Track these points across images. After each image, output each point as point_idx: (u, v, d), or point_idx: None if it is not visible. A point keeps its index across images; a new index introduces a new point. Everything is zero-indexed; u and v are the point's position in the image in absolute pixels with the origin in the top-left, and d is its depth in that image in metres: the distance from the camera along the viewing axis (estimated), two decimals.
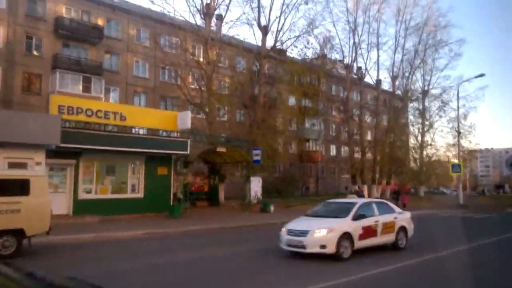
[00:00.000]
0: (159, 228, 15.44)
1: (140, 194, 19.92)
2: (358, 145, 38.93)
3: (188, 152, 20.15)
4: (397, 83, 41.25)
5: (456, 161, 43.11)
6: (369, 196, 37.32)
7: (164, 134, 20.74)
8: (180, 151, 20.10)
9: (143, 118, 20.05)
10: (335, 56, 39.20)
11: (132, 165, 19.84)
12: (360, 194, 25.01)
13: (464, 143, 42.09)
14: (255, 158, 23.61)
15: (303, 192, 44.12)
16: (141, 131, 19.82)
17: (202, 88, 26.20)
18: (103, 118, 18.68)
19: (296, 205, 27.50)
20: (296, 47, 28.48)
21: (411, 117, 43.42)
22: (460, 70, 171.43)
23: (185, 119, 19.99)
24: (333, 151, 50.31)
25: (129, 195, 19.59)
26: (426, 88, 44.60)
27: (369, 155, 40.95)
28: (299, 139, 48.62)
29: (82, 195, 17.92)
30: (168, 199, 20.63)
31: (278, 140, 29.23)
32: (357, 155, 41.11)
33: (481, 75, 32.61)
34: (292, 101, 47.67)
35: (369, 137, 44.09)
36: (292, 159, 48.22)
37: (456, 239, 13.05)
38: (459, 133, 35.31)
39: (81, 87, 30.76)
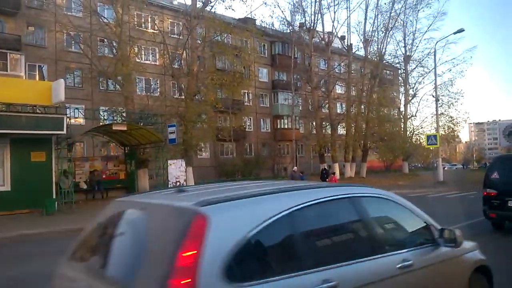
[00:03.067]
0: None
1: (6, 187, 15.85)
2: (327, 119, 34.35)
3: (65, 131, 15.93)
4: (371, 49, 36.31)
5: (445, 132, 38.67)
6: (340, 175, 33.05)
7: (39, 110, 16.55)
8: (53, 131, 15.93)
9: (5, 91, 15.71)
10: (298, 18, 34.42)
11: None
12: (296, 177, 20.69)
13: (451, 112, 37.32)
14: (170, 136, 19.37)
15: (276, 173, 39.86)
16: None
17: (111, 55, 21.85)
18: None
19: None
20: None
21: (390, 85, 38.47)
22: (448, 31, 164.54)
23: (58, 90, 15.70)
24: (314, 128, 45.82)
25: None
26: (408, 53, 39.66)
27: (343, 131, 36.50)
28: (272, 116, 44.45)
29: None
30: (49, 191, 16.54)
31: (208, 115, 24.64)
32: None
33: (460, 31, 27.64)
34: (263, 73, 43.77)
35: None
36: (266, 138, 44.07)
37: None
38: (437, 100, 30.51)
39: None
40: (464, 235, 3.72)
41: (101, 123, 20.01)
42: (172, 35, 26.41)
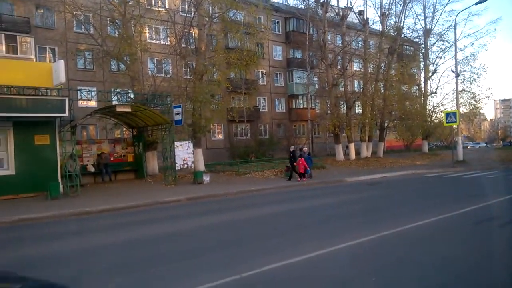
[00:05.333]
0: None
1: (10, 171, 15.76)
2: (343, 98, 33.28)
3: (67, 114, 15.64)
4: (389, 23, 34.76)
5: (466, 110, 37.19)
6: (357, 155, 32.20)
7: (41, 91, 16.28)
8: (55, 114, 15.66)
9: (6, 73, 15.46)
10: None
11: None
12: (300, 154, 19.94)
13: (473, 89, 35.70)
14: (176, 118, 18.91)
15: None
16: None
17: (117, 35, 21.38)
18: None
19: (251, 172, 22.94)
20: None
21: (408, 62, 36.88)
22: (470, 3, 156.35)
23: (59, 71, 15.35)
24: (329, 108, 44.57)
25: None
26: (428, 26, 37.94)
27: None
28: (287, 95, 43.57)
29: None
30: (54, 174, 16.40)
31: (216, 95, 24.02)
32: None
33: (482, 1, 25.95)
34: (277, 51, 42.76)
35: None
36: (281, 118, 43.33)
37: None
38: (457, 75, 29.02)
39: (3, 47, 26.68)
40: None
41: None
42: (181, 13, 25.71)
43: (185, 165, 20.07)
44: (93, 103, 23.57)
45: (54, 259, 7.07)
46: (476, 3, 26.49)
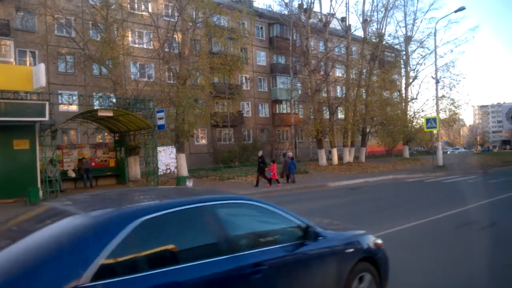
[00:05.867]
0: None
1: None
2: (326, 103, 33.54)
3: (47, 118, 15.38)
4: (371, 30, 35.29)
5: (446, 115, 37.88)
6: (339, 160, 32.41)
7: (21, 95, 15.98)
8: (35, 118, 15.38)
9: None
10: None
11: None
12: (287, 161, 20.09)
13: (453, 95, 36.44)
14: (159, 122, 18.78)
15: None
16: None
17: (99, 39, 21.16)
18: None
19: (235, 177, 22.92)
20: None
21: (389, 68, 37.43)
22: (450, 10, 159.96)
23: (39, 75, 15.12)
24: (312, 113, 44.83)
25: None
26: (409, 33, 38.63)
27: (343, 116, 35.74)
28: (271, 100, 43.71)
29: None
30: (33, 179, 16.08)
31: (200, 100, 23.98)
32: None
33: (461, 9, 26.62)
34: (260, 56, 42.89)
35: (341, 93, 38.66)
36: (265, 123, 43.43)
37: None
38: (437, 82, 29.62)
39: None
40: None
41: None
42: (164, 17, 25.59)
43: (168, 170, 19.99)
44: (74, 108, 23.21)
45: None
46: (455, 11, 27.16)
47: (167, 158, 19.68)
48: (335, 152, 32.30)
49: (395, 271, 4.71)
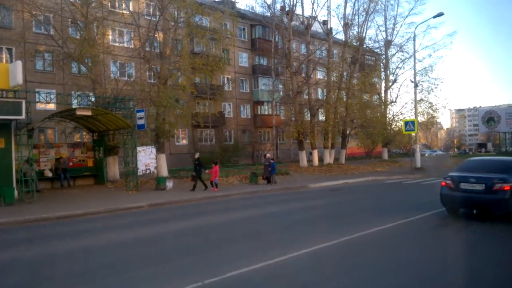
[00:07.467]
0: None
1: None
2: (307, 105, 33.74)
3: (24, 116, 15.03)
4: (352, 33, 35.68)
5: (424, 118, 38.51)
6: (320, 161, 32.63)
7: None
8: (11, 116, 15.01)
9: None
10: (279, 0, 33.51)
11: None
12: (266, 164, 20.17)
13: (431, 98, 37.11)
14: (139, 122, 18.57)
15: (255, 160, 39.29)
16: None
17: (78, 37, 20.82)
18: None
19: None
20: None
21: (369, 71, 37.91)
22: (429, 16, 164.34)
23: (16, 72, 14.80)
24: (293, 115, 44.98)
25: None
26: (389, 37, 39.20)
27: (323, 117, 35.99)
28: (252, 102, 43.76)
29: None
30: (9, 179, 15.70)
31: (181, 100, 23.85)
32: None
33: (440, 15, 27.22)
34: (243, 57, 42.89)
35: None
36: (246, 124, 43.43)
37: None
38: (416, 85, 30.16)
39: None
40: None
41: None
42: (145, 16, 25.34)
43: (148, 171, 19.78)
44: (52, 106, 22.79)
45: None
46: (434, 17, 27.73)
47: (147, 158, 19.44)
48: (315, 153, 32.54)
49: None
